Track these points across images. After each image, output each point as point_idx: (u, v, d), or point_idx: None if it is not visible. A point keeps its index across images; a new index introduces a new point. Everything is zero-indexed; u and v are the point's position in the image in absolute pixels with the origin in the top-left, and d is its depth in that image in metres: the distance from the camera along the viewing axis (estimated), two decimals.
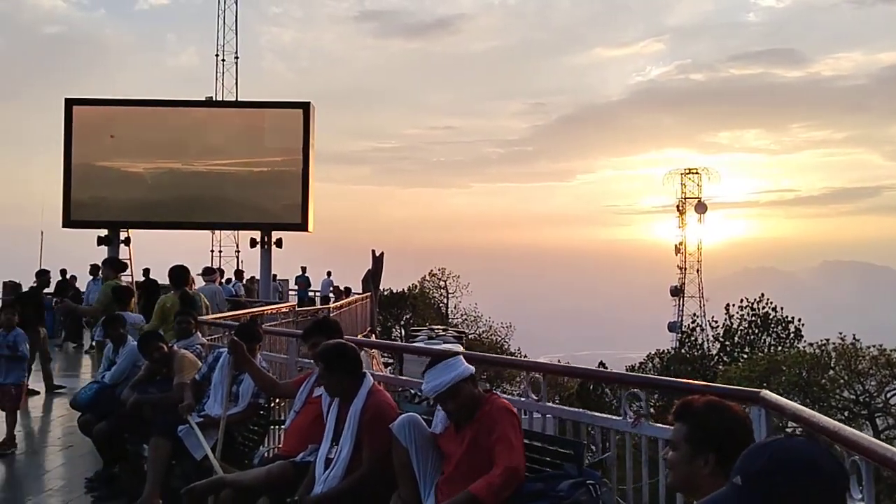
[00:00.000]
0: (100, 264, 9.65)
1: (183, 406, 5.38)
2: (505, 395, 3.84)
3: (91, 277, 17.76)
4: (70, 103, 18.14)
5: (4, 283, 20.51)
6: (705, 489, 2.14)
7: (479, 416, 3.46)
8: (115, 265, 9.57)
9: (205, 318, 7.98)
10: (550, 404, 4.23)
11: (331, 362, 3.98)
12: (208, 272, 13.61)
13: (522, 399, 4.23)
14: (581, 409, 4.23)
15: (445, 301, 38.83)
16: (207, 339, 7.39)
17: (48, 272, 13.30)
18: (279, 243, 18.76)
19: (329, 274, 25.94)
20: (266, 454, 5.31)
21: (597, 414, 4.11)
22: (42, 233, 20.33)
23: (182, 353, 6.16)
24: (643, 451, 3.77)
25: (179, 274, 8.60)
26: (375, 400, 3.99)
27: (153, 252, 21.89)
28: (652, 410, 3.77)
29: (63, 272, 19.73)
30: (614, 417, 3.95)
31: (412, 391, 4.84)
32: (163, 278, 15.14)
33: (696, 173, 49.15)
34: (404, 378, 5.28)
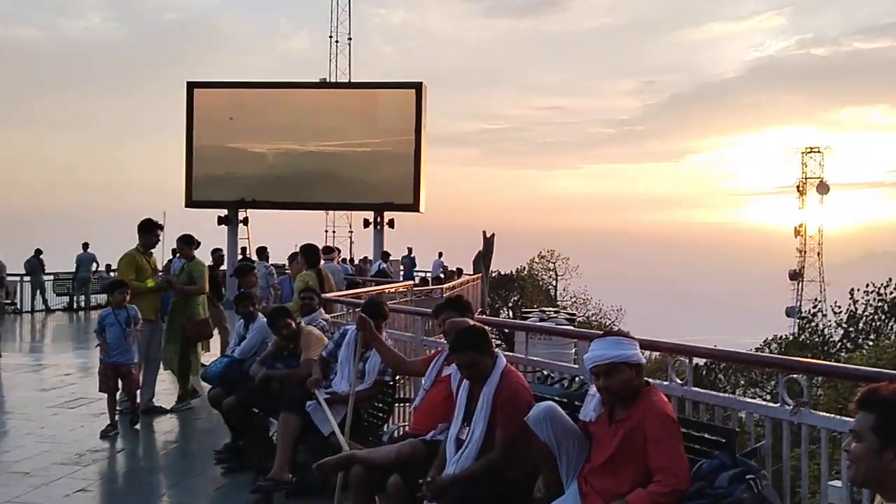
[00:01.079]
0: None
1: (311, 380, 5.41)
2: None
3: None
4: (191, 87, 18.83)
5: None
6: (894, 484, 1.98)
7: (636, 411, 3.22)
8: (192, 242, 9.03)
9: (328, 295, 8.09)
10: (697, 389, 3.96)
11: (479, 345, 3.86)
12: (327, 251, 13.87)
13: (665, 383, 3.98)
14: (732, 395, 3.95)
15: (554, 283, 38.44)
16: (330, 317, 7.48)
17: (221, 250, 13.80)
18: (391, 224, 18.93)
19: (440, 255, 26.10)
20: (395, 432, 5.27)
21: (748, 400, 3.84)
22: (164, 213, 21.31)
23: (309, 330, 6.20)
24: (803, 441, 3.49)
25: (314, 252, 8.85)
26: (509, 381, 3.85)
27: (270, 232, 22.50)
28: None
29: (174, 252, 20.62)
30: (771, 404, 3.68)
31: (545, 372, 4.68)
32: (279, 259, 15.59)
33: (818, 152, 46.63)
34: (535, 358, 5.10)
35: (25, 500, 5.40)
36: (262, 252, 14.32)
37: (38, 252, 21.52)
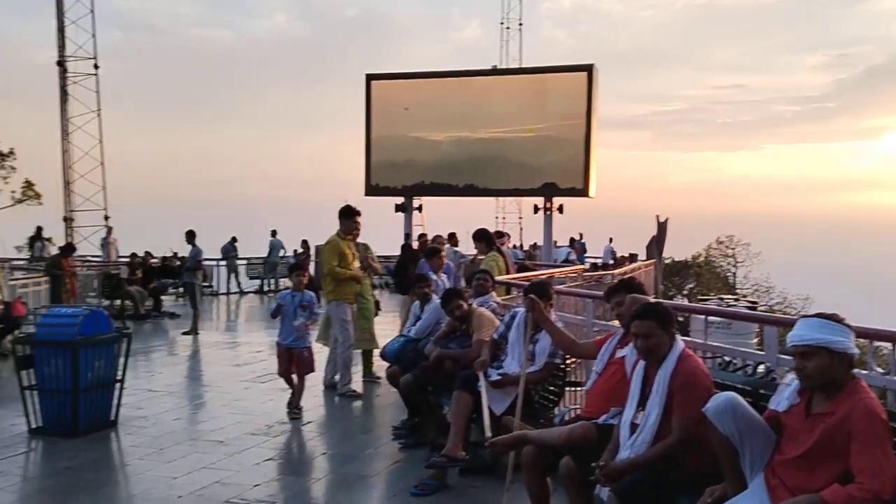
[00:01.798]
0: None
1: (477, 363, 5.46)
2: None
3: None
4: (369, 79, 19.53)
5: (303, 242, 23.03)
6: None
7: (839, 406, 2.94)
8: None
9: (500, 278, 8.15)
10: None
11: (662, 319, 3.72)
12: (498, 236, 14.00)
13: (864, 372, 3.65)
14: None
15: (733, 270, 36.56)
16: (501, 299, 7.52)
17: (426, 235, 14.45)
18: (561, 209, 18.74)
19: (611, 240, 25.65)
20: (566, 415, 5.22)
21: None
22: (345, 202, 22.30)
23: (480, 311, 6.26)
24: None
25: (489, 234, 9.27)
26: (687, 365, 3.68)
27: (443, 219, 22.96)
28: None
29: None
30: None
31: (727, 358, 4.44)
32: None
33: None
34: (715, 343, 4.85)
35: (220, 467, 5.84)
36: (452, 237, 14.64)
37: (234, 239, 23.30)
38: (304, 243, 22.93)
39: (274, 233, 23.85)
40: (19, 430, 6.83)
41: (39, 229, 24.64)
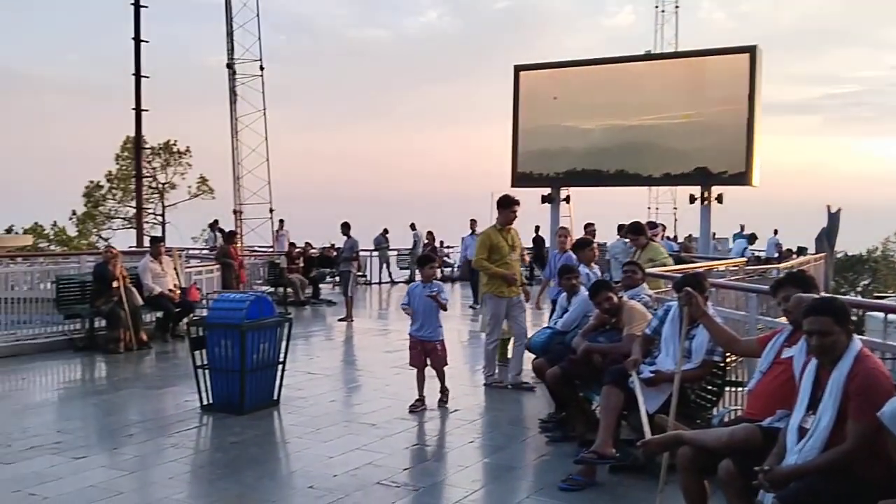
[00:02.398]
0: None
1: (628, 361, 5.27)
2: None
3: (469, 232, 19.54)
4: (518, 70, 19.44)
5: (428, 233, 23.49)
6: None
7: None
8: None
9: (653, 270, 7.87)
10: None
11: (840, 316, 3.46)
12: (651, 227, 13.60)
13: None
14: None
15: None
16: (654, 293, 7.26)
17: (593, 224, 14.62)
18: (720, 199, 17.87)
19: (775, 232, 24.27)
20: (725, 416, 4.95)
21: None
22: (492, 194, 22.44)
23: (631, 305, 6.07)
24: None
25: (643, 228, 9.27)
26: (865, 366, 3.38)
27: (591, 210, 22.58)
28: None
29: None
30: None
31: None
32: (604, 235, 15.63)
33: None
34: (895, 344, 4.44)
35: (372, 449, 6.01)
36: (621, 228, 14.44)
37: (385, 231, 24.10)
38: (430, 235, 23.47)
39: (413, 226, 24.46)
40: (193, 405, 7.33)
41: (216, 221, 26.63)
